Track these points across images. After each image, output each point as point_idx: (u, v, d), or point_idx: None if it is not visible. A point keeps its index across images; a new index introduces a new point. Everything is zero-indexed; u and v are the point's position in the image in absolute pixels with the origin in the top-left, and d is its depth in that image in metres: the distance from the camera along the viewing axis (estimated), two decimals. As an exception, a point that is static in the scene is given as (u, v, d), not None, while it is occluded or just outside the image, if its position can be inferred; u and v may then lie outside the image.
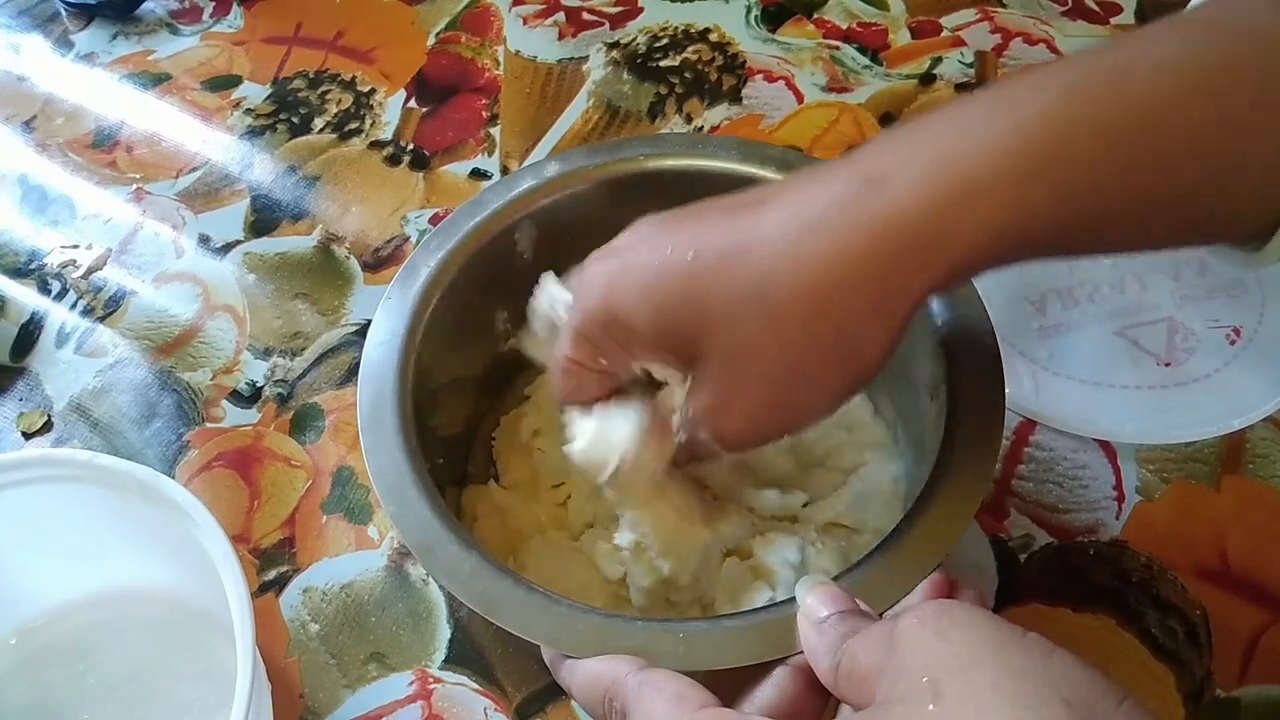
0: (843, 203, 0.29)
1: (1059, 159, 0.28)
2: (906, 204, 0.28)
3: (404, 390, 0.40)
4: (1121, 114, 0.28)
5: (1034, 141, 0.28)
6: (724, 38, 0.73)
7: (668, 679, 0.28)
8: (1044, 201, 0.28)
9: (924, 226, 0.28)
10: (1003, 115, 0.28)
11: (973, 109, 0.29)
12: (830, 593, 0.29)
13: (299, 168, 0.68)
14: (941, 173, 0.28)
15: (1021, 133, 0.28)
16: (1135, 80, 0.28)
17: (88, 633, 0.46)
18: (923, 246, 0.29)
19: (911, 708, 0.22)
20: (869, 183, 0.29)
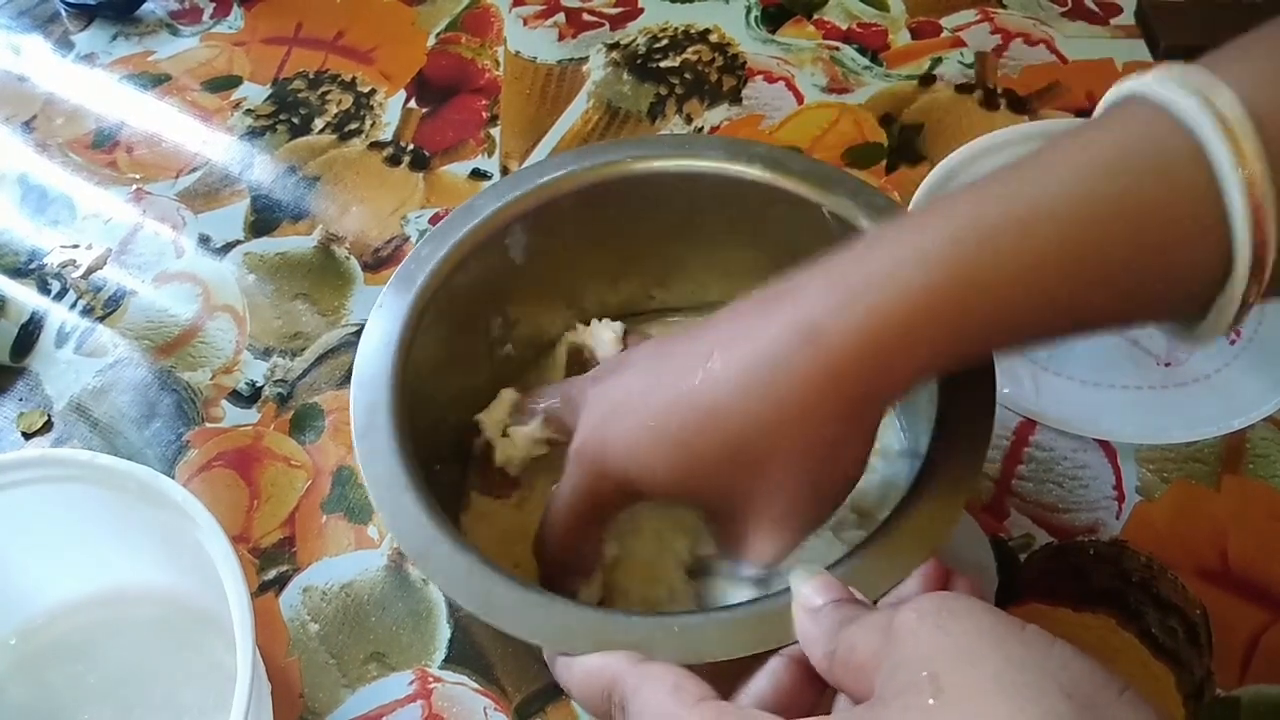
0: (786, 360, 0.31)
1: (977, 304, 0.30)
2: (846, 356, 0.31)
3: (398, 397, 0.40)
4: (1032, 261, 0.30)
5: (953, 291, 0.30)
6: (724, 38, 0.73)
7: (666, 671, 0.28)
8: (971, 336, 0.31)
9: (870, 374, 0.31)
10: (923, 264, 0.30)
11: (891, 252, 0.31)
12: (825, 581, 0.29)
13: (299, 168, 0.68)
14: (870, 324, 0.31)
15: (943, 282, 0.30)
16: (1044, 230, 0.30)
17: (88, 633, 0.46)
18: (867, 384, 0.32)
19: (911, 700, 0.22)
20: (806, 339, 0.31)
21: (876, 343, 0.31)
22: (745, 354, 0.32)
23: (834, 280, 0.32)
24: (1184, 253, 0.29)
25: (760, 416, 0.32)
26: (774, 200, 0.45)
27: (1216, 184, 0.28)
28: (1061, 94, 0.68)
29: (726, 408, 0.32)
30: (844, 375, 0.31)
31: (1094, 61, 0.69)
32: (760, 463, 0.33)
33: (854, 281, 0.31)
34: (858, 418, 0.33)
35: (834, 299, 0.31)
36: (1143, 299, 0.31)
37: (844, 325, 0.31)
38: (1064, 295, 0.30)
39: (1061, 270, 0.30)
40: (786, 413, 0.32)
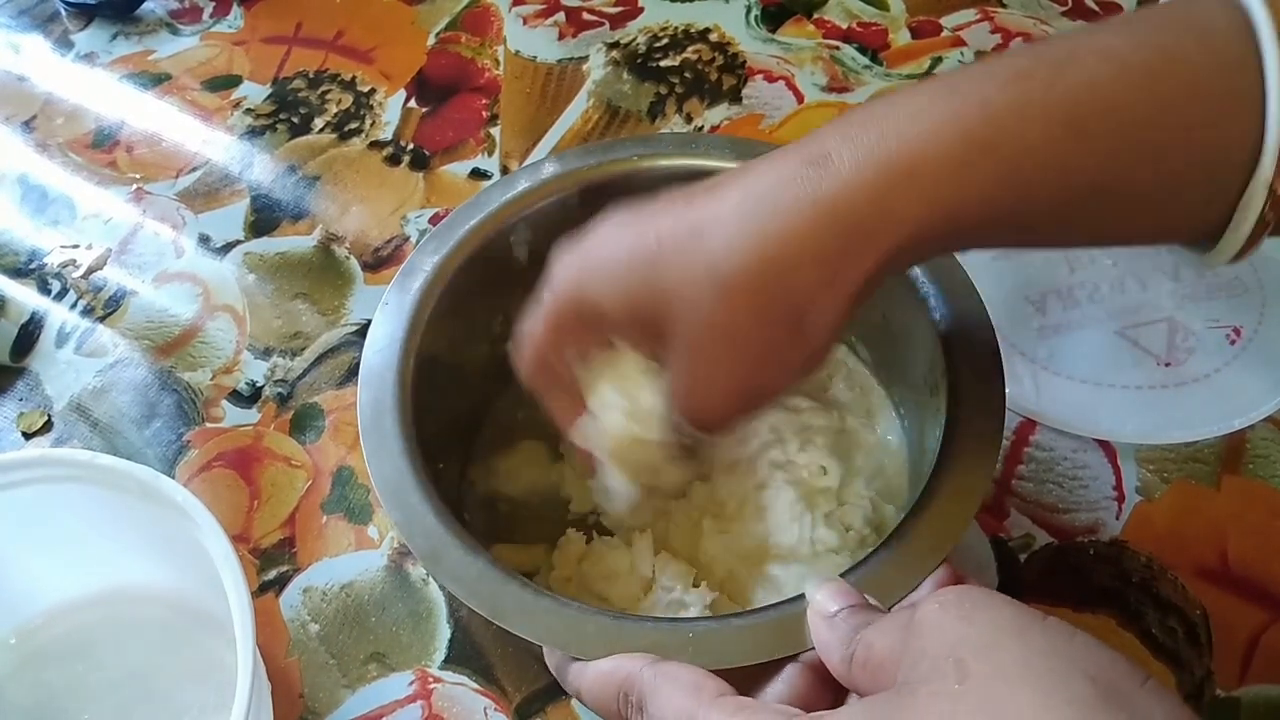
0: (789, 182, 0.30)
1: (998, 142, 0.29)
2: (849, 184, 0.29)
3: (404, 394, 0.40)
4: (1061, 100, 0.28)
5: (974, 124, 0.29)
6: (724, 38, 0.73)
7: (684, 670, 0.28)
8: (984, 184, 0.29)
9: (867, 206, 0.29)
10: (946, 99, 0.29)
11: (919, 94, 0.30)
12: (839, 588, 0.29)
13: (299, 168, 0.68)
14: (883, 153, 0.29)
15: (962, 116, 0.29)
16: (1077, 68, 0.29)
17: (88, 633, 0.46)
18: (866, 225, 0.29)
19: (936, 687, 0.22)
20: (813, 163, 0.30)
21: (885, 169, 0.29)
22: (749, 181, 0.31)
23: (853, 118, 0.30)
24: (1217, 123, 0.28)
25: (750, 234, 0.30)
26: None
27: (1258, 59, 0.27)
28: (1062, 93, 0.67)
29: (710, 233, 0.31)
30: (845, 201, 0.29)
31: (1094, 61, 0.69)
32: (724, 305, 0.31)
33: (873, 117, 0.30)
34: (848, 254, 0.30)
35: (851, 131, 0.30)
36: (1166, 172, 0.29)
37: (854, 151, 0.29)
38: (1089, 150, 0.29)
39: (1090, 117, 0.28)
40: (778, 232, 0.30)
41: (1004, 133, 0.29)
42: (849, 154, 0.29)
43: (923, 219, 0.29)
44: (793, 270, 0.30)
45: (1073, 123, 0.28)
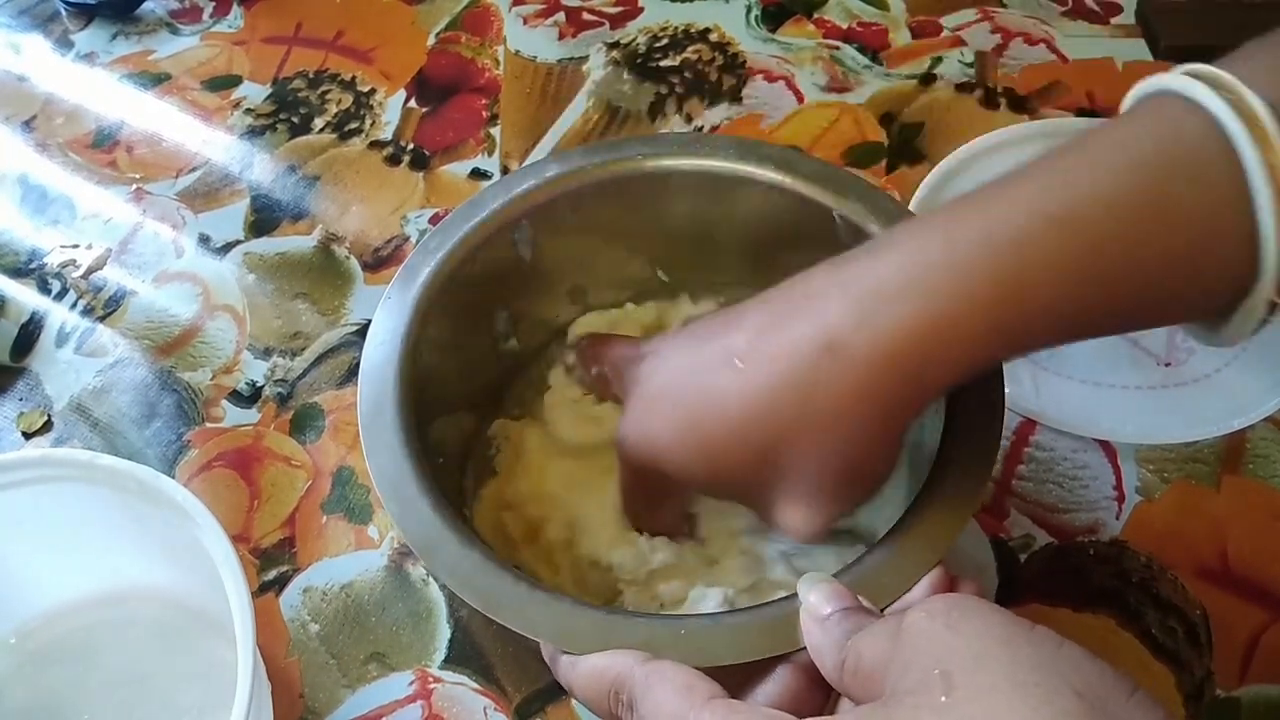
0: (814, 376, 0.32)
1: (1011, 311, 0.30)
2: (869, 372, 0.31)
3: (404, 389, 0.40)
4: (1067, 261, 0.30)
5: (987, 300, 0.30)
6: (724, 38, 0.73)
7: (676, 670, 0.28)
8: (1004, 342, 0.31)
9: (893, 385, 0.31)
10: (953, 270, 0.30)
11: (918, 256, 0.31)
12: (833, 590, 0.29)
13: (299, 168, 0.68)
14: (898, 338, 0.30)
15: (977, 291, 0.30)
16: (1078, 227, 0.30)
17: (88, 633, 0.46)
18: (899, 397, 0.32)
19: (923, 699, 0.22)
20: (826, 352, 0.31)
21: (904, 357, 0.31)
22: (770, 366, 0.33)
23: (853, 289, 0.32)
24: (1213, 253, 0.29)
25: (791, 427, 0.32)
26: (783, 202, 0.45)
27: (1246, 185, 0.28)
28: (1062, 93, 0.67)
29: (753, 421, 0.33)
30: (872, 390, 0.31)
31: (1094, 61, 0.69)
32: (794, 464, 0.33)
33: (874, 290, 0.31)
34: (886, 424, 0.33)
35: (857, 312, 0.31)
36: (1172, 300, 0.31)
37: (869, 340, 0.31)
38: (1095, 297, 0.30)
39: (1094, 271, 0.30)
40: (817, 423, 0.32)
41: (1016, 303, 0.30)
42: (864, 344, 0.31)
43: (944, 382, 0.32)
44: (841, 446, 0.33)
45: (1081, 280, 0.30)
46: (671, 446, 0.35)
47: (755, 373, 0.33)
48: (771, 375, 0.33)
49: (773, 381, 0.33)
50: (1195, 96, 0.29)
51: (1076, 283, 0.30)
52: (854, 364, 0.31)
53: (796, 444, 0.33)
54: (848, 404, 0.31)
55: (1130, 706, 0.22)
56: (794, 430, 0.32)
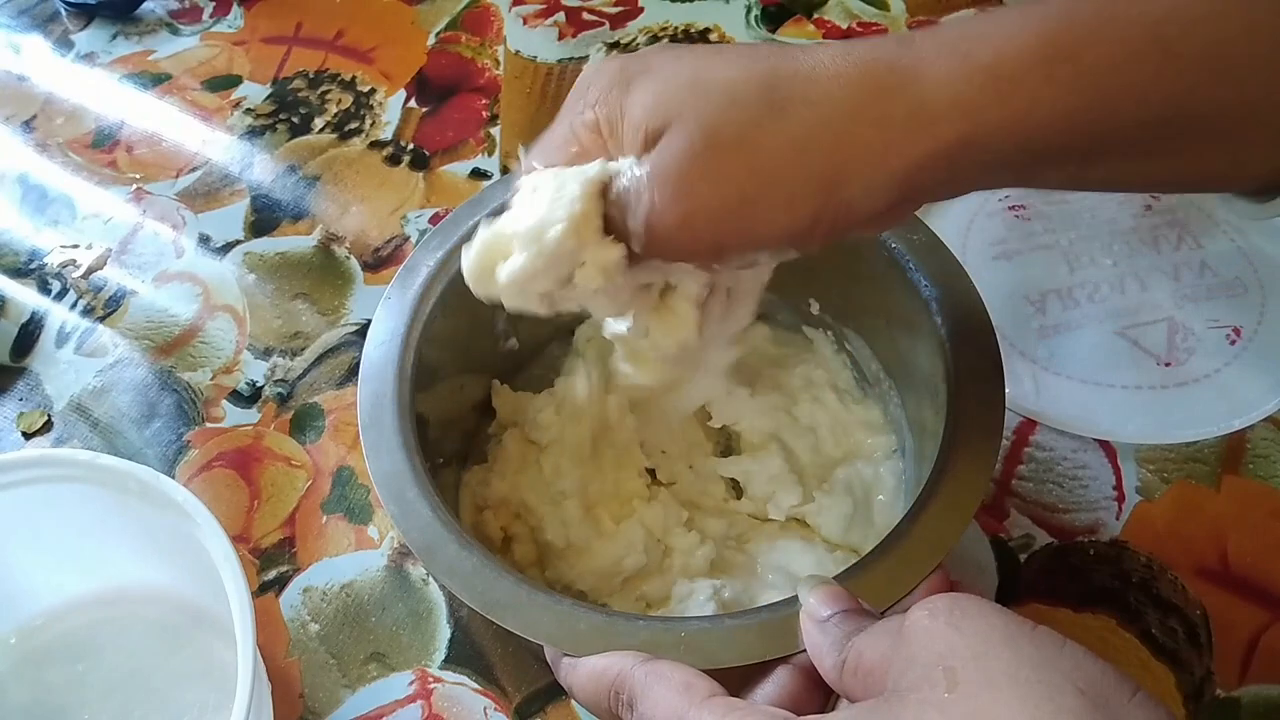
0: (873, 46, 0.29)
1: (1081, 52, 0.28)
2: (926, 61, 0.28)
3: (404, 390, 0.40)
4: (1146, 18, 0.28)
5: (1059, 32, 0.28)
6: (724, 38, 0.73)
7: (675, 669, 0.28)
8: (1063, 93, 0.28)
9: (937, 85, 0.28)
10: (1031, 9, 0.29)
11: (1004, 8, 0.30)
12: (832, 592, 0.29)
13: (299, 168, 0.68)
14: (965, 44, 0.28)
15: (1046, 23, 0.28)
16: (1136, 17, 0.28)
17: (88, 633, 0.46)
18: (931, 105, 0.28)
19: (926, 695, 0.22)
20: (901, 41, 0.29)
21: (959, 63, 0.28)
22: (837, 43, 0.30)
23: (939, 25, 0.30)
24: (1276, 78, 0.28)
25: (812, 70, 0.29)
26: None
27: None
28: (1062, 93, 0.67)
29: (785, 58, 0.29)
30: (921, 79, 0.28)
31: (1094, 61, 0.69)
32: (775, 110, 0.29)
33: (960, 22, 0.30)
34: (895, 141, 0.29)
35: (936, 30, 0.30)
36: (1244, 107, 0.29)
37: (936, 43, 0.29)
38: (1165, 77, 0.28)
39: (1170, 29, 0.28)
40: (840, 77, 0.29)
41: (1087, 43, 0.28)
42: (931, 41, 0.29)
43: (991, 116, 0.28)
44: (855, 115, 0.29)
45: (1157, 39, 0.28)
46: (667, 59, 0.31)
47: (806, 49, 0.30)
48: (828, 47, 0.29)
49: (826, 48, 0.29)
50: None
51: (1151, 38, 0.28)
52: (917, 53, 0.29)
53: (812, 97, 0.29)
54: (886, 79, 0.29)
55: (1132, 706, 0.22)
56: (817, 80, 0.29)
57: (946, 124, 0.28)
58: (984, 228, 0.58)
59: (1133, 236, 0.57)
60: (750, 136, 0.29)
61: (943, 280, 0.41)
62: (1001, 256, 0.57)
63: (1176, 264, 0.56)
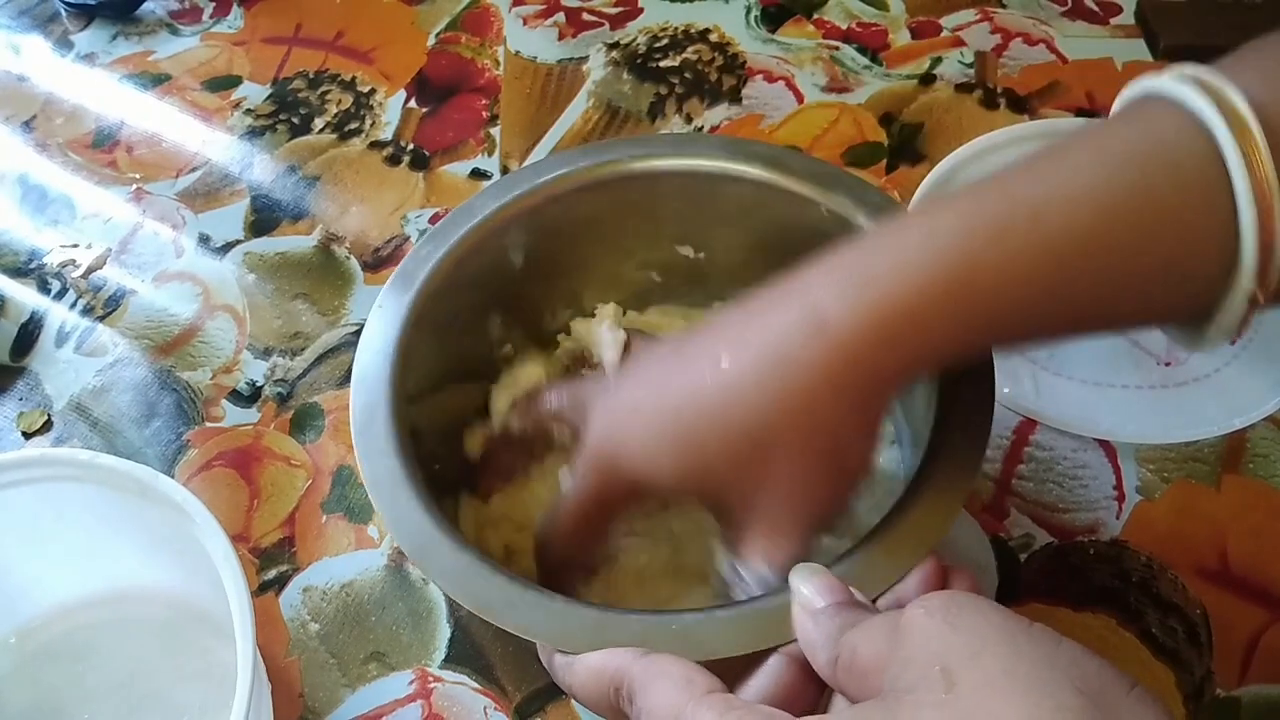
0: (794, 347, 0.32)
1: (985, 298, 0.30)
2: (849, 345, 0.31)
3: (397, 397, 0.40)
4: (1043, 253, 0.30)
5: (961, 282, 0.30)
6: (724, 38, 0.73)
7: (674, 664, 0.28)
8: (978, 327, 0.31)
9: (873, 363, 0.31)
10: (931, 255, 0.31)
11: (899, 243, 0.32)
12: (826, 582, 0.29)
13: (299, 168, 0.68)
14: (875, 311, 0.31)
15: (952, 274, 0.30)
16: (1054, 215, 0.30)
17: (88, 633, 0.46)
18: (875, 374, 0.32)
19: (922, 696, 0.22)
20: (810, 322, 0.32)
21: (883, 331, 0.31)
22: (753, 350, 0.33)
23: (840, 273, 0.32)
24: (1192, 247, 0.30)
25: (768, 410, 0.32)
26: (774, 199, 0.45)
27: (1226, 181, 0.28)
28: (1061, 93, 0.67)
29: (736, 403, 0.33)
30: (850, 364, 0.31)
31: (1094, 61, 0.69)
32: (768, 458, 0.33)
33: (860, 273, 0.32)
34: (863, 408, 0.33)
35: (840, 290, 0.31)
36: (1151, 296, 0.31)
37: (850, 315, 0.31)
38: (1072, 288, 0.30)
39: (1071, 261, 0.30)
40: (793, 404, 0.32)
41: (991, 290, 0.30)
42: (843, 315, 0.31)
43: (920, 361, 0.32)
44: (822, 422, 0.32)
45: (1057, 273, 0.30)
46: (647, 445, 0.35)
47: (738, 355, 0.33)
48: (754, 355, 0.33)
49: (755, 360, 0.33)
50: (1177, 94, 0.29)
51: (1056, 273, 0.30)
52: (837, 339, 0.31)
53: (779, 428, 0.32)
54: (828, 376, 0.31)
55: (1129, 702, 0.22)
56: (775, 411, 0.32)
57: (889, 381, 0.33)
58: (984, 228, 0.58)
59: (1132, 236, 0.57)
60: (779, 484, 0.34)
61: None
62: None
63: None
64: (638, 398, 0.36)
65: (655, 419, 0.35)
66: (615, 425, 0.36)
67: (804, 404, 0.32)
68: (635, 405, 0.36)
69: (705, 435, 0.33)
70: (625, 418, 0.36)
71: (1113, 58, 0.69)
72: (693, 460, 0.34)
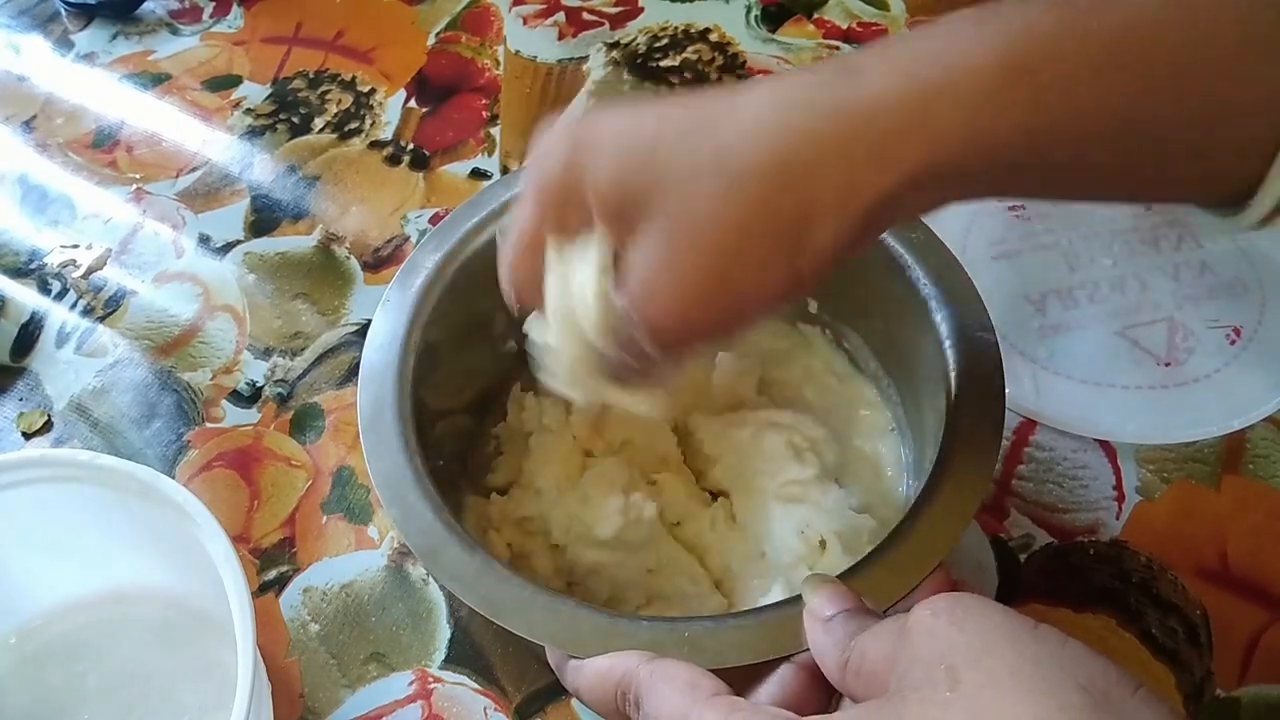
0: (817, 87, 0.28)
1: (1039, 67, 0.27)
2: (880, 92, 0.28)
3: (404, 392, 0.40)
4: (1103, 30, 0.27)
5: (1015, 48, 0.27)
6: (724, 38, 0.73)
7: (680, 668, 0.28)
8: (1022, 110, 0.27)
9: (898, 117, 0.28)
10: (986, 23, 0.28)
11: (958, 19, 0.28)
12: (836, 591, 0.29)
13: (299, 168, 0.68)
14: (919, 66, 0.28)
15: (1003, 37, 0.27)
16: (1110, 10, 0.28)
17: (88, 633, 0.46)
18: (892, 137, 0.28)
19: (927, 695, 0.22)
20: (846, 72, 0.28)
21: (917, 85, 0.27)
22: (773, 82, 0.30)
23: (890, 39, 0.29)
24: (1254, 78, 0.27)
25: (759, 133, 0.28)
26: None
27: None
28: (1062, 93, 0.67)
29: (731, 114, 0.29)
30: (870, 109, 0.28)
31: (1094, 61, 0.69)
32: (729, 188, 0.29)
33: (908, 37, 0.29)
34: (853, 187, 0.28)
35: (886, 49, 0.29)
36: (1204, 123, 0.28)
37: (887, 65, 0.28)
38: (1124, 77, 0.27)
39: (1128, 43, 0.27)
40: (795, 129, 0.28)
41: (1045, 58, 0.27)
42: (883, 66, 0.28)
43: (954, 140, 0.28)
44: (809, 172, 0.28)
45: (1115, 54, 0.27)
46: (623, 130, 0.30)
47: (757, 86, 0.30)
48: (772, 84, 0.29)
49: (771, 87, 0.29)
50: None
51: (1108, 52, 0.27)
52: (861, 84, 0.28)
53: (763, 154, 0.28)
54: (840, 120, 0.28)
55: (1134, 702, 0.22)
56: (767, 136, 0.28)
57: (909, 154, 0.28)
58: (984, 227, 0.58)
59: (1133, 236, 0.57)
60: (716, 213, 0.29)
61: (942, 279, 0.41)
62: (1001, 256, 0.57)
63: (1176, 264, 0.56)
64: (614, 112, 0.32)
65: (623, 126, 0.31)
66: (577, 129, 0.32)
67: (799, 147, 0.28)
68: (607, 116, 0.31)
69: (672, 145, 0.29)
70: (590, 124, 0.32)
71: (1113, 57, 0.69)
72: (645, 169, 0.30)
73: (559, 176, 0.32)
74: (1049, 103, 0.27)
